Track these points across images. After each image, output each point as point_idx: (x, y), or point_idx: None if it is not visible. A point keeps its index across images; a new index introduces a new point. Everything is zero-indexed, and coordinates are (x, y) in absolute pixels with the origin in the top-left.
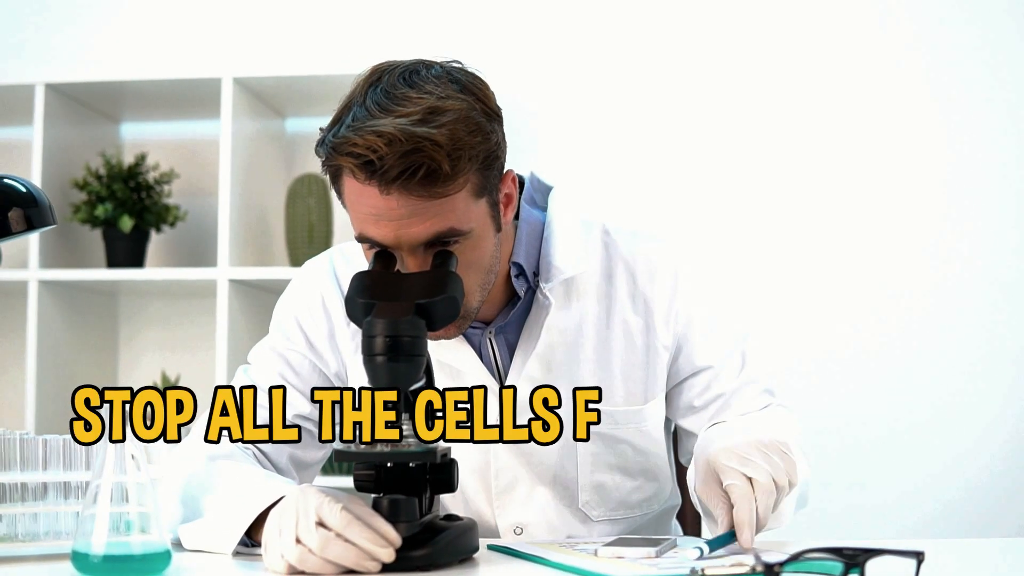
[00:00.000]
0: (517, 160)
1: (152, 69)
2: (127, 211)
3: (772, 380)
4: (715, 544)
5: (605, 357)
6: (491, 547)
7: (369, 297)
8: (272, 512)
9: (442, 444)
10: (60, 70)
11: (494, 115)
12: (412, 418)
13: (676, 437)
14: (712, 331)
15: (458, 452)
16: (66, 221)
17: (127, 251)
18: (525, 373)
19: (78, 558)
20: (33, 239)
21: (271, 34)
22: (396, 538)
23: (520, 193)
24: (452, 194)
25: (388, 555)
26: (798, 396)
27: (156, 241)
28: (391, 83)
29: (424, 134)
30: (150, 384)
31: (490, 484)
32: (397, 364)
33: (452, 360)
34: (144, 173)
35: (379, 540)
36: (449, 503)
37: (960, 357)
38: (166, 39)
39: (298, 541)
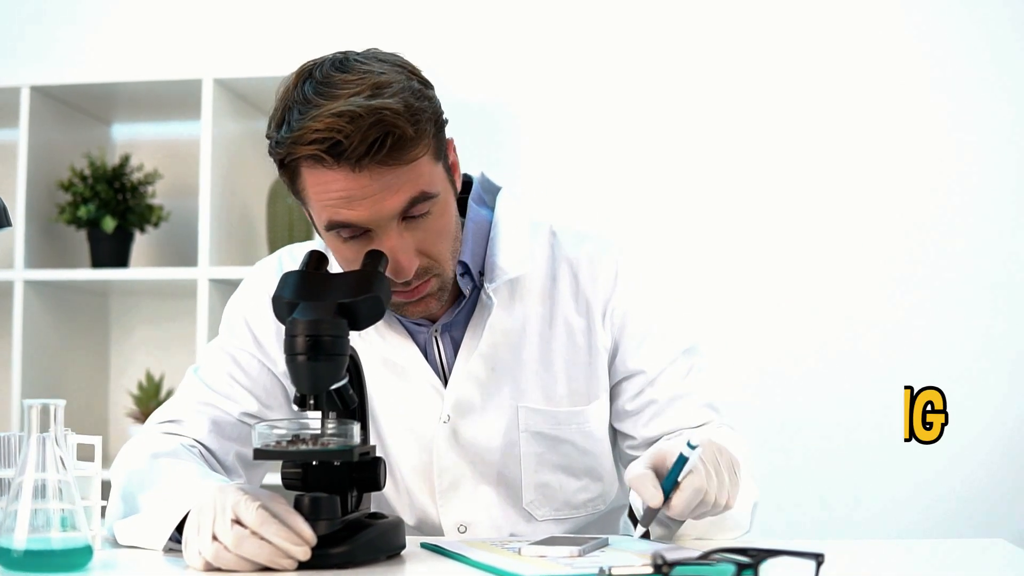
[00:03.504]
0: (500, 157)
1: (135, 71)
2: (110, 212)
3: (717, 397)
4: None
5: (548, 357)
6: (423, 545)
7: (293, 296)
8: (192, 509)
9: (364, 443)
10: (46, 73)
11: (428, 84)
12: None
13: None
14: (648, 336)
15: (400, 451)
16: (51, 222)
17: (111, 251)
18: (468, 372)
19: (0, 553)
20: (19, 239)
21: (252, 35)
22: (311, 536)
23: (469, 192)
24: (418, 158)
25: (303, 553)
26: (793, 396)
27: (141, 241)
28: (324, 73)
29: (381, 105)
30: (137, 383)
31: (433, 483)
32: (317, 363)
33: (397, 358)
34: (128, 174)
35: (294, 538)
36: (395, 502)
37: (957, 357)
38: (150, 41)
39: (214, 538)
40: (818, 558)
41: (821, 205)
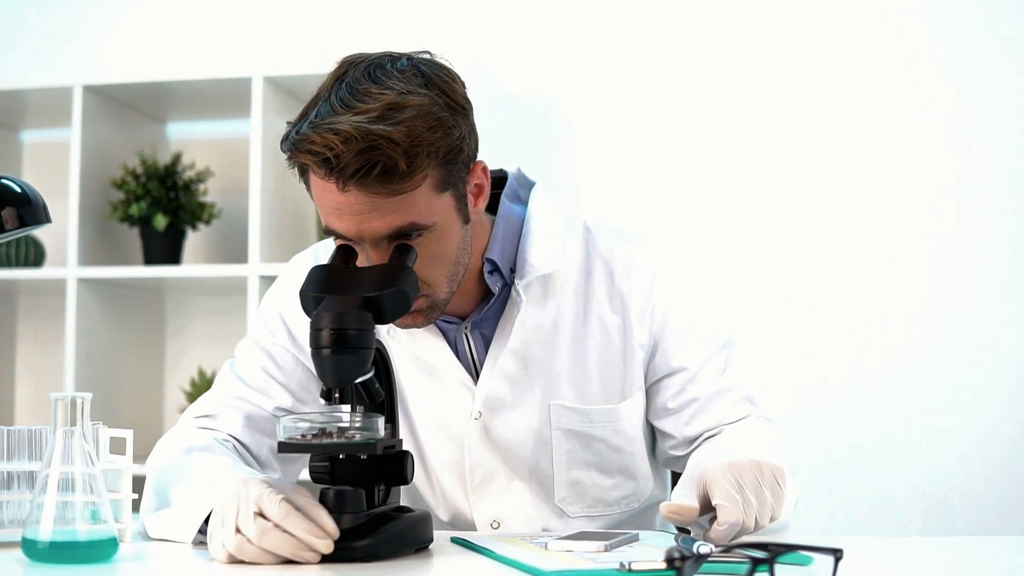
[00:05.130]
0: (526, 154)
1: (184, 70)
2: (161, 209)
3: (754, 389)
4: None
5: (581, 354)
6: (454, 539)
7: (319, 290)
8: (217, 503)
9: (393, 437)
10: (97, 72)
11: (459, 108)
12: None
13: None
14: (689, 333)
15: (433, 447)
16: (104, 219)
17: (163, 249)
18: (499, 368)
19: (27, 544)
20: (72, 237)
21: (301, 32)
22: (334, 529)
23: (503, 188)
24: (411, 190)
25: (326, 546)
26: (800, 394)
27: (195, 238)
28: (355, 78)
29: (380, 132)
30: (189, 380)
31: (465, 479)
32: (342, 357)
33: (427, 355)
34: (180, 172)
35: (316, 531)
36: (429, 498)
37: (963, 355)
38: (200, 40)
39: (238, 531)
40: (836, 554)
41: (840, 208)
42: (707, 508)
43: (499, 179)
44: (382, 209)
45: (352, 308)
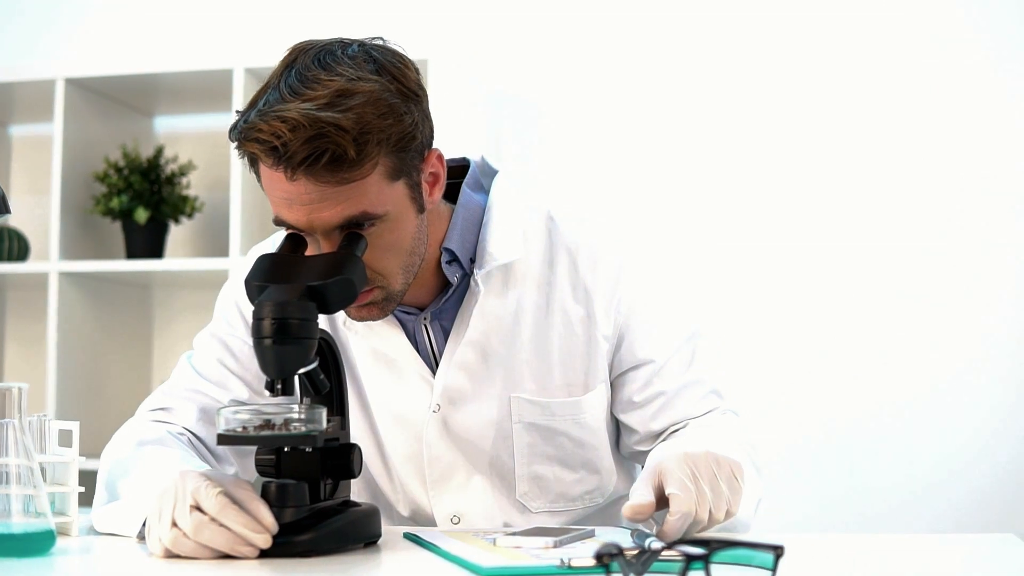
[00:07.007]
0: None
1: (165, 62)
2: (143, 203)
3: (721, 382)
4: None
5: (543, 346)
6: (406, 535)
7: (263, 279)
8: (154, 496)
9: (332, 429)
10: (80, 65)
11: (411, 95)
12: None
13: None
14: (656, 325)
15: (392, 441)
16: (87, 213)
17: (145, 242)
18: (457, 360)
19: None
20: (54, 231)
21: (282, 23)
22: (272, 523)
23: (464, 176)
24: (361, 178)
25: (263, 540)
26: (808, 392)
27: (178, 232)
28: (305, 64)
29: (329, 119)
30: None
31: (424, 473)
32: (284, 347)
33: (385, 347)
34: (163, 165)
35: (254, 525)
36: (389, 493)
37: (974, 354)
38: (181, 32)
39: (174, 524)
40: (777, 550)
41: (835, 202)
42: (664, 502)
43: (462, 168)
44: (332, 198)
45: (295, 297)
